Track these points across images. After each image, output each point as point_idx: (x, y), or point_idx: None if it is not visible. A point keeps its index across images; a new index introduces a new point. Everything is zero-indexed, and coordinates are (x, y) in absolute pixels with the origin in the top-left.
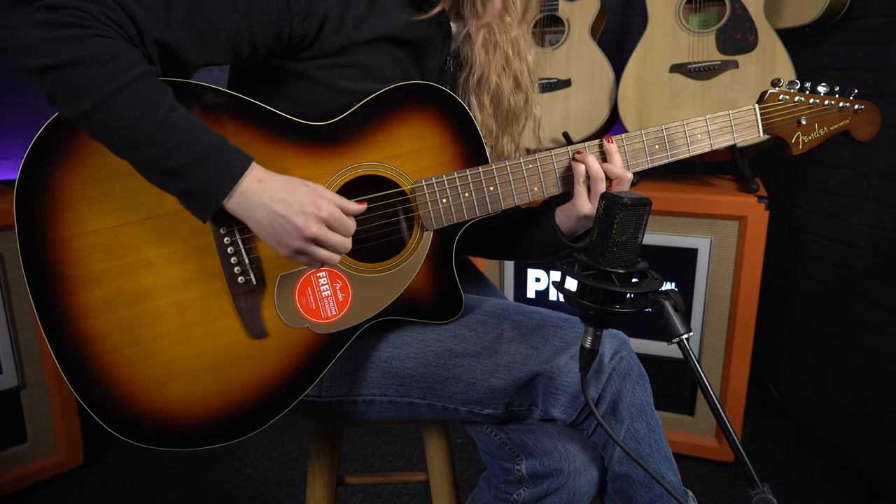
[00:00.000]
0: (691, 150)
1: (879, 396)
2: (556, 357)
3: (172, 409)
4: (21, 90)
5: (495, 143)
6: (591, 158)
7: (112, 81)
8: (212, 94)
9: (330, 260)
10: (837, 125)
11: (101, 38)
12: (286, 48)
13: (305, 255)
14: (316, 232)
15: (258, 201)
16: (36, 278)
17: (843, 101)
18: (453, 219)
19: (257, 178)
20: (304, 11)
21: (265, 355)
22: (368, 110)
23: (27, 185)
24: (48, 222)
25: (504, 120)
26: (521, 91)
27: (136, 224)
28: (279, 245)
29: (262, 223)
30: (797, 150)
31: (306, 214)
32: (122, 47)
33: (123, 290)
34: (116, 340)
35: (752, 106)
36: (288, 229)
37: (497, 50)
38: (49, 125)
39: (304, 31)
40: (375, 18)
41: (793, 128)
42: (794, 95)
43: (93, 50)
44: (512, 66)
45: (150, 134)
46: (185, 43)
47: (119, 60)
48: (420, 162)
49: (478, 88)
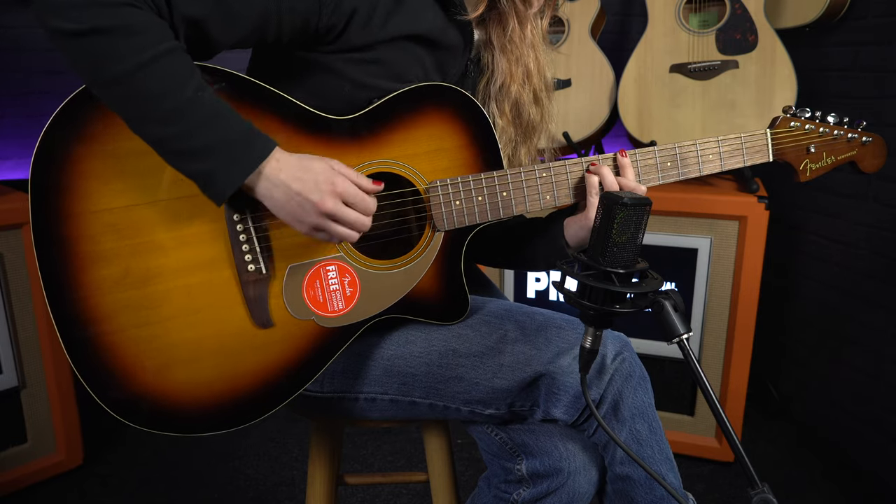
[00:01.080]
0: (702, 170)
1: (879, 396)
2: (558, 358)
3: (173, 392)
4: (21, 90)
5: (513, 154)
6: (607, 170)
7: (141, 54)
8: (232, 79)
9: (348, 236)
10: (845, 155)
11: (131, 8)
12: (311, 39)
13: (323, 231)
14: (332, 207)
15: (275, 180)
16: (46, 252)
17: (852, 133)
18: (465, 221)
19: (276, 159)
20: (333, 3)
21: (269, 345)
22: (389, 108)
23: (44, 158)
24: (63, 196)
25: (522, 131)
26: (538, 105)
27: (150, 205)
28: (298, 222)
29: (280, 202)
30: (804, 177)
31: (321, 191)
32: (152, 20)
33: (133, 271)
34: (123, 320)
35: (764, 131)
36: (305, 206)
37: (519, 62)
38: (72, 99)
39: (332, 24)
40: (402, 17)
41: (802, 155)
42: (804, 123)
43: (123, 20)
44: (532, 81)
45: (175, 111)
46: (214, 20)
47: (149, 33)
48: (436, 163)
49: (499, 96)
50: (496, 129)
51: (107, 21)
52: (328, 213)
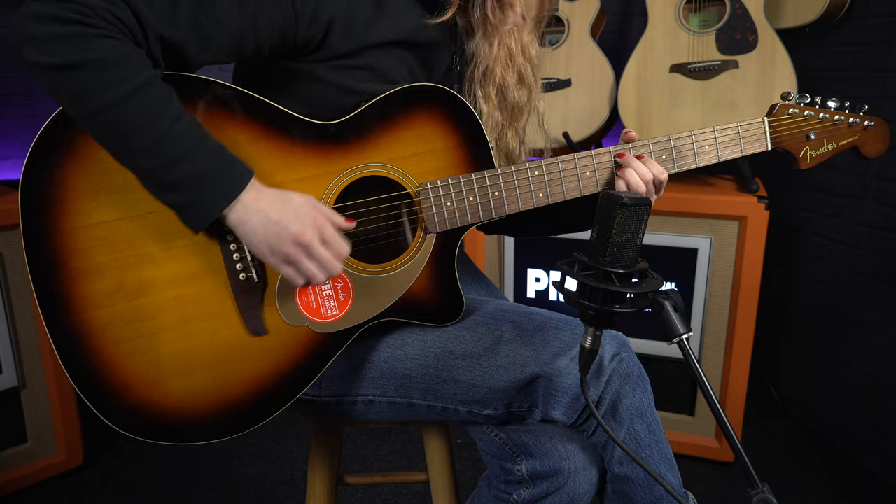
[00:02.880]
0: (698, 162)
1: (879, 396)
2: (556, 359)
3: (170, 403)
4: (21, 90)
5: (500, 138)
6: (634, 160)
7: (117, 88)
8: (219, 89)
9: (316, 277)
10: (846, 141)
11: (106, 39)
12: (291, 50)
13: (294, 264)
14: (310, 240)
15: (254, 208)
16: (38, 268)
17: (853, 117)
18: (457, 222)
19: (255, 189)
20: (309, 15)
21: (264, 353)
22: (376, 111)
23: (33, 175)
24: (52, 213)
25: (509, 114)
26: (524, 86)
27: (140, 217)
28: (271, 253)
29: (256, 229)
30: (805, 164)
31: (302, 222)
32: (128, 50)
33: (125, 283)
34: (116, 333)
35: (761, 119)
36: (282, 236)
37: (501, 43)
38: (55, 117)
39: (310, 35)
40: (384, 22)
41: (801, 142)
42: (803, 109)
43: (98, 53)
44: (516, 61)
45: (152, 145)
46: (190, 42)
47: (124, 66)
48: (426, 164)
49: (483, 80)
50: (481, 116)
51: (83, 55)
52: (304, 245)
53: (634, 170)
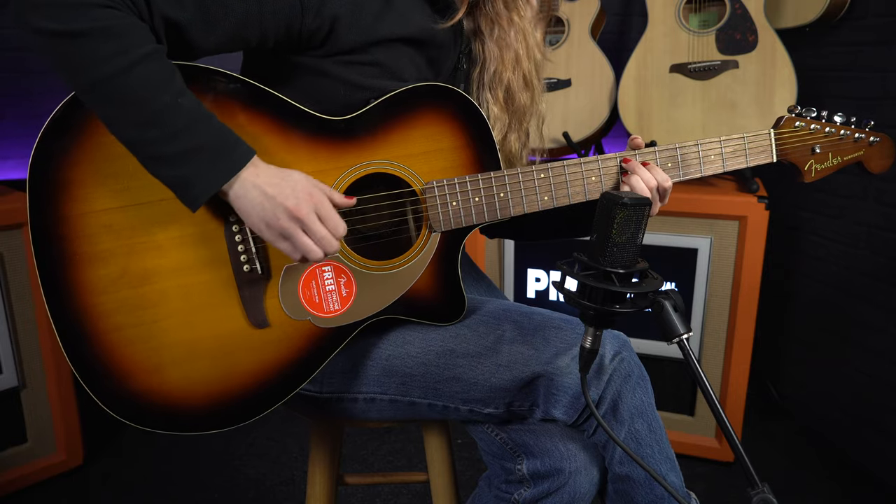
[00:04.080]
0: (704, 171)
1: (879, 396)
2: (556, 358)
3: (170, 391)
4: (21, 90)
5: (503, 140)
6: (640, 167)
7: (121, 58)
8: (225, 80)
9: (312, 252)
10: (851, 156)
11: (110, 10)
12: (296, 43)
13: (289, 239)
14: (306, 215)
15: (252, 182)
16: (43, 252)
17: (859, 132)
18: (462, 222)
19: (254, 165)
20: (315, 7)
21: (266, 345)
22: (385, 108)
23: (41, 160)
24: (59, 198)
25: (516, 118)
26: (528, 89)
27: (146, 206)
28: (266, 226)
29: (253, 203)
30: (809, 178)
31: (298, 197)
32: (133, 23)
33: (129, 271)
34: (119, 320)
35: (768, 131)
36: (277, 211)
37: (509, 47)
38: (66, 103)
39: (316, 27)
40: (391, 19)
41: (806, 155)
42: (809, 123)
43: (102, 22)
44: (522, 65)
45: (154, 116)
46: (194, 23)
47: (129, 37)
48: (433, 163)
49: (492, 84)
50: (490, 118)
51: (87, 23)
52: (300, 219)
53: (640, 176)
